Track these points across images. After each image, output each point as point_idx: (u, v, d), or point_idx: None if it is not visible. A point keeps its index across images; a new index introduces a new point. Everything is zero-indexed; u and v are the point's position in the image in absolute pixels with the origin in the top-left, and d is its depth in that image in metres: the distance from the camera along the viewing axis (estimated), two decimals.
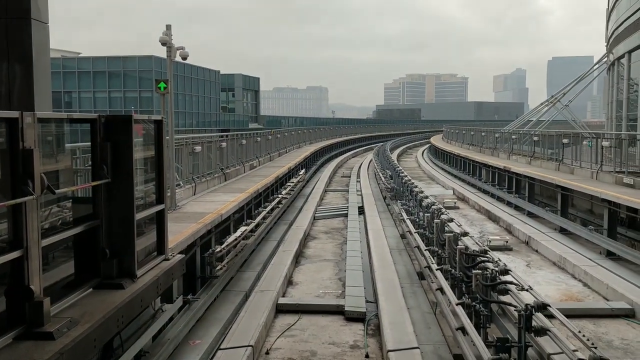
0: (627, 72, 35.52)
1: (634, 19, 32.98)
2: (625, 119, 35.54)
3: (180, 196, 12.43)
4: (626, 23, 35.03)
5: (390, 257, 13.30)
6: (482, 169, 26.77)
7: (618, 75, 38.12)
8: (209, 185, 14.98)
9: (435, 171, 36.52)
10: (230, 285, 10.68)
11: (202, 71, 62.36)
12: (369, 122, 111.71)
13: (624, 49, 34.90)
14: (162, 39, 11.18)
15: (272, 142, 27.12)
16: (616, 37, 37.61)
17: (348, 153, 54.42)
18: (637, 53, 33.56)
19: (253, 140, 22.10)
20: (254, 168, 21.18)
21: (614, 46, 38.62)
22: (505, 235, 16.93)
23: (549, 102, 57.31)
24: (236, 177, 17.86)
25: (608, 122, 39.63)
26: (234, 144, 18.63)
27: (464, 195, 24.38)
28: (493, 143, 29.86)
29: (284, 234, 15.85)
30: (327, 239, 16.58)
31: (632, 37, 33.78)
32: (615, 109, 37.60)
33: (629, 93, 35.47)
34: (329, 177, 33.18)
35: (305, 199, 23.14)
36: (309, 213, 19.73)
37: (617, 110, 37.22)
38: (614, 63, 38.81)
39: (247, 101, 79.10)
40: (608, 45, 42.38)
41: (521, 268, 13.22)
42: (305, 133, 43.03)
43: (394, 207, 19.84)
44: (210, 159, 15.64)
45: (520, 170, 20.73)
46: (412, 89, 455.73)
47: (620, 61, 37.44)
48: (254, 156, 22.35)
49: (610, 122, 38.72)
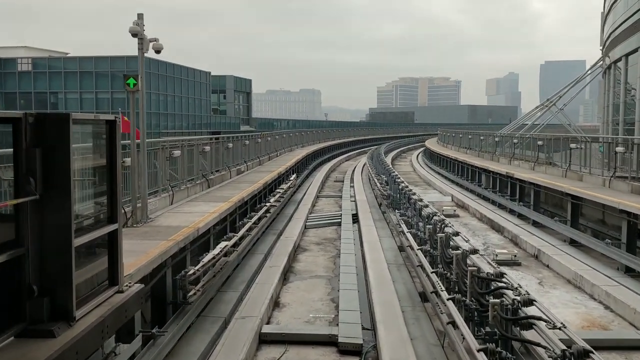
0: (624, 76, 34.73)
1: (631, 21, 32.19)
2: (622, 122, 34.81)
3: (154, 206, 11.10)
4: (623, 26, 34.24)
5: (389, 273, 12.02)
6: (482, 174, 25.58)
7: (614, 79, 37.37)
8: (190, 193, 13.64)
9: (432, 176, 35.31)
10: (208, 309, 9.34)
11: (192, 72, 60.96)
12: (362, 125, 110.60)
13: (621, 52, 34.13)
14: (133, 30, 9.85)
15: (262, 145, 25.80)
16: (612, 40, 36.80)
17: (341, 156, 53.16)
18: (634, 56, 32.78)
19: (241, 144, 20.76)
20: (241, 173, 19.85)
21: (610, 49, 37.86)
22: (511, 247, 15.69)
23: (544, 105, 56.80)
24: (221, 183, 16.52)
25: (603, 126, 39.24)
26: (219, 147, 17.29)
27: (464, 202, 23.16)
28: (492, 147, 28.69)
29: (271, 246, 14.52)
30: (318, 251, 15.28)
31: (629, 40, 32.99)
32: (612, 113, 36.95)
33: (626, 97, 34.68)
34: (322, 182, 31.89)
35: (296, 206, 21.83)
36: (299, 222, 18.43)
37: (614, 115, 36.61)
38: (611, 66, 38.10)
39: (239, 103, 77.73)
40: (604, 49, 41.63)
41: (533, 286, 11.97)
42: (297, 136, 41.74)
43: (390, 215, 18.58)
44: (192, 164, 14.31)
45: (525, 177, 19.52)
46: (405, 92, 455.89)
47: (617, 64, 36.71)
48: (242, 160, 21.02)
49: (606, 126, 38.15)
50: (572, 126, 57.70)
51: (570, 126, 56.94)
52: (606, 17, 40.30)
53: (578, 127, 63.52)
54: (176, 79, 57.38)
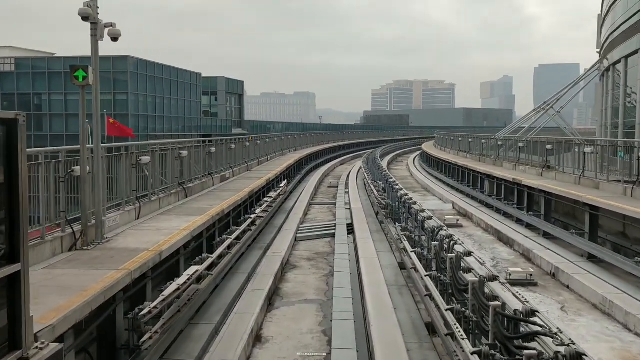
0: (624, 78, 33.64)
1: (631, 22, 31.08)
2: (622, 126, 33.62)
3: (114, 223, 9.45)
4: (623, 27, 33.16)
5: (389, 298, 10.41)
6: (485, 180, 24.02)
7: (613, 82, 36.21)
8: (162, 205, 11.99)
9: (430, 181, 33.76)
10: (172, 351, 7.69)
11: (182, 73, 59.24)
12: (357, 128, 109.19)
13: (620, 54, 33.01)
14: (83, 12, 8.19)
15: (250, 149, 24.17)
16: (611, 42, 35.68)
17: (335, 160, 51.56)
18: (634, 58, 31.67)
19: (226, 148, 19.10)
20: (226, 180, 18.20)
21: (608, 51, 36.77)
22: (523, 263, 14.14)
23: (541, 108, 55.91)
24: (200, 192, 14.86)
25: (601, 129, 38.21)
26: (200, 152, 15.65)
27: (466, 211, 21.59)
28: (495, 151, 27.15)
29: (256, 264, 12.88)
30: (310, 269, 13.65)
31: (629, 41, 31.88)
32: (611, 116, 35.80)
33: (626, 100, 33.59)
34: (315, 188, 30.28)
35: (287, 215, 20.20)
36: (289, 234, 16.79)
37: (613, 117, 35.41)
38: (609, 68, 36.97)
39: (231, 105, 76.00)
40: (601, 51, 40.53)
41: (555, 313, 10.40)
42: (289, 139, 40.12)
43: (389, 227, 16.98)
44: (167, 170, 12.66)
45: (535, 184, 17.97)
46: (399, 95, 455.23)
47: (616, 67, 35.58)
48: (228, 166, 19.37)
49: (604, 129, 37.02)
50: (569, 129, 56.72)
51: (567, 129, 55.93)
52: (604, 19, 39.37)
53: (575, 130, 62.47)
54: (165, 80, 55.65)
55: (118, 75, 50.03)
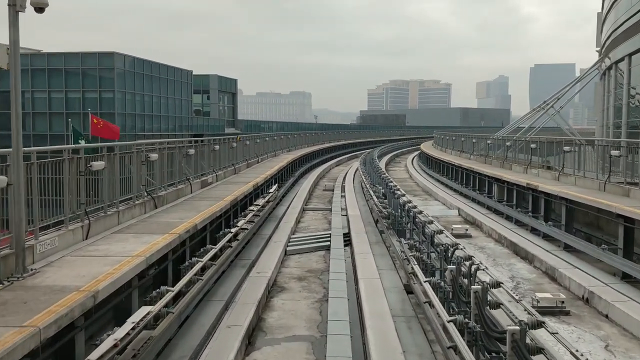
0: (627, 77, 32.40)
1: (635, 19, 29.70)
2: (625, 125, 32.20)
3: (51, 246, 7.46)
4: (626, 24, 31.83)
5: (396, 336, 8.47)
6: (494, 184, 22.10)
7: (616, 81, 34.98)
8: (122, 219, 10.00)
9: (431, 184, 31.83)
10: None
11: (172, 70, 57.11)
12: (353, 127, 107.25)
13: (624, 52, 31.53)
14: None
15: (238, 150, 22.15)
16: (614, 40, 34.37)
17: (331, 161, 49.60)
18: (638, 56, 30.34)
19: (208, 150, 17.09)
20: (207, 186, 16.19)
21: (610, 50, 35.31)
22: (547, 283, 12.24)
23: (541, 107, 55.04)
24: (174, 201, 12.85)
25: (603, 129, 36.69)
26: (175, 154, 13.64)
27: (475, 218, 19.66)
28: (502, 152, 25.23)
29: (237, 287, 10.90)
30: (300, 291, 11.68)
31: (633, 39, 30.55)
32: (614, 115, 34.32)
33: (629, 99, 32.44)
34: (309, 191, 28.31)
35: (277, 224, 18.23)
36: (278, 246, 14.82)
37: (616, 117, 33.99)
38: (612, 67, 35.49)
39: (224, 104, 73.92)
40: (602, 50, 39.15)
41: (600, 355, 8.47)
42: (283, 139, 38.12)
43: (391, 239, 15.01)
44: (130, 176, 10.67)
45: (554, 190, 16.04)
46: (395, 95, 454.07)
47: (618, 65, 34.35)
48: (211, 170, 17.37)
49: (605, 129, 35.55)
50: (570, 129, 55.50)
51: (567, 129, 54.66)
52: (606, 17, 38.14)
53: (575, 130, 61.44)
54: (154, 77, 53.52)
55: (104, 73, 47.92)
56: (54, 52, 48.83)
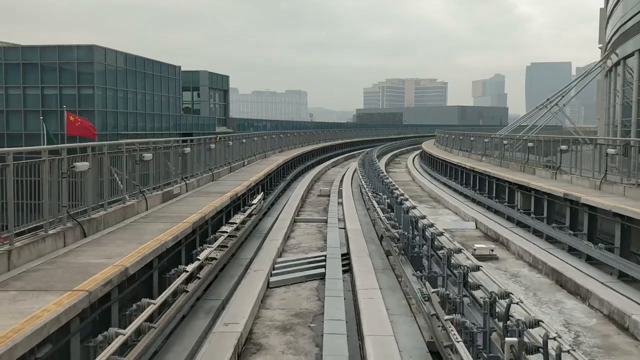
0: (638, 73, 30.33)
1: None
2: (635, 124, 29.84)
3: None
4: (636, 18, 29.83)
5: None
6: (516, 192, 18.96)
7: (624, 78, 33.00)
8: (17, 261, 6.77)
9: (437, 188, 28.67)
10: None
11: (157, 66, 53.71)
12: (350, 126, 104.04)
13: (633, 47, 29.39)
14: None
15: (218, 152, 18.91)
16: (622, 35, 32.12)
17: (327, 162, 46.44)
18: None
19: (175, 154, 13.83)
20: (172, 198, 12.95)
21: (617, 45, 33.10)
22: (616, 335, 9.11)
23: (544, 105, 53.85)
24: (116, 225, 9.57)
25: (606, 127, 35.35)
26: (124, 160, 10.39)
27: (498, 234, 16.49)
28: (523, 154, 22.07)
29: (190, 355, 7.69)
30: (283, 352, 8.47)
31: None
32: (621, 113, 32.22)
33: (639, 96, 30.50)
34: (302, 197, 25.15)
35: (261, 242, 15.03)
36: (258, 277, 11.62)
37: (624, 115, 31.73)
38: (619, 63, 33.28)
39: (215, 102, 70.59)
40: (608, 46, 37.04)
41: None
42: (274, 139, 34.86)
43: (402, 268, 11.79)
44: (42, 190, 7.45)
45: (604, 205, 12.87)
46: (391, 93, 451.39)
47: (627, 62, 32.16)
48: (179, 178, 14.13)
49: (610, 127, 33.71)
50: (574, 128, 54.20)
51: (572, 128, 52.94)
52: (611, 13, 36.09)
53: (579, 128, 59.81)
54: (138, 73, 50.12)
55: (83, 67, 44.46)
56: (29, 46, 45.43)
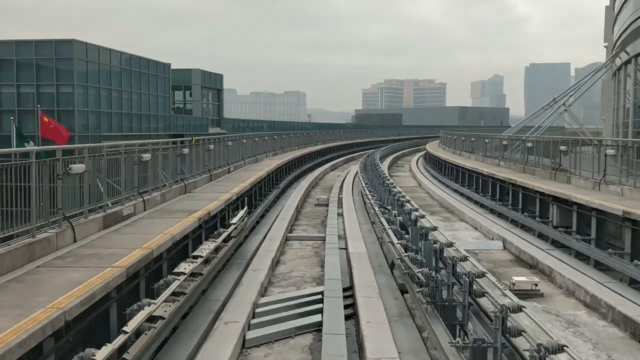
0: None
1: None
2: None
3: None
4: None
5: None
6: (552, 205, 15.82)
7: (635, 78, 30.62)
8: None
9: (449, 196, 25.51)
10: None
11: (145, 63, 50.50)
12: (349, 127, 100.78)
13: None
14: None
15: (192, 158, 15.73)
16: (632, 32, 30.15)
17: (325, 165, 43.27)
18: None
19: (129, 161, 10.67)
20: (119, 222, 9.77)
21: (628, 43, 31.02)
22: None
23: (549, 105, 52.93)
24: (16, 270, 6.36)
25: (614, 129, 34.13)
26: (32, 171, 7.21)
27: (537, 260, 13.30)
28: (554, 160, 18.92)
29: None
30: None
31: None
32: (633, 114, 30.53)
33: None
34: (297, 208, 22.02)
35: (241, 272, 11.87)
36: (230, 333, 8.45)
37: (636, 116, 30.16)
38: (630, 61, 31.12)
39: (208, 101, 67.40)
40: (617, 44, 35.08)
41: None
42: (267, 141, 31.69)
43: (427, 321, 8.63)
44: None
45: None
46: (390, 94, 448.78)
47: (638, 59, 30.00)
48: (135, 192, 10.96)
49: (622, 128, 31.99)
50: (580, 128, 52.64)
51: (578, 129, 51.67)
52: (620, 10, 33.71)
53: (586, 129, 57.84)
54: (123, 70, 46.93)
55: (62, 64, 41.28)
56: (3, 40, 42.17)
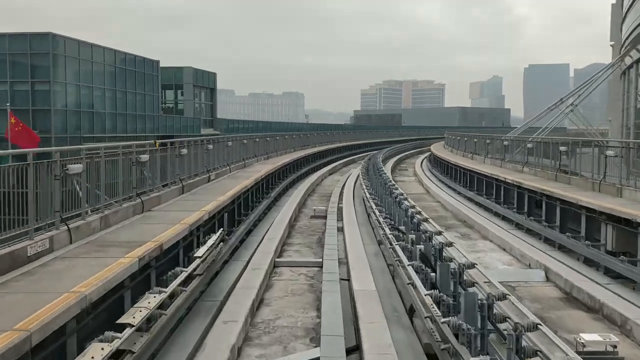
0: None
1: None
2: None
3: None
4: None
5: None
6: (605, 224, 12.65)
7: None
8: None
9: (464, 206, 22.30)
10: None
11: (131, 59, 47.33)
12: (348, 128, 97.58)
13: None
14: None
15: (156, 167, 12.56)
16: None
17: (323, 169, 40.09)
18: None
19: (49, 174, 7.44)
20: (20, 266, 6.63)
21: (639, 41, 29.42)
22: None
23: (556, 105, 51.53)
24: None
25: (622, 129, 33.41)
26: None
27: (600, 302, 10.16)
28: (599, 167, 15.73)
29: None
30: None
31: None
32: None
33: None
34: (289, 222, 18.87)
35: (207, 325, 8.71)
36: None
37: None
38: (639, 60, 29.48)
39: (200, 101, 64.26)
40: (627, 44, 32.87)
41: None
42: (258, 143, 28.49)
43: None
44: None
45: None
46: (389, 95, 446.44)
47: None
48: (59, 218, 7.81)
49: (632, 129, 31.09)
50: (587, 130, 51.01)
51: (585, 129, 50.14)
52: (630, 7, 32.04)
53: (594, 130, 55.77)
54: (107, 66, 43.77)
55: (38, 59, 38.09)
56: None
